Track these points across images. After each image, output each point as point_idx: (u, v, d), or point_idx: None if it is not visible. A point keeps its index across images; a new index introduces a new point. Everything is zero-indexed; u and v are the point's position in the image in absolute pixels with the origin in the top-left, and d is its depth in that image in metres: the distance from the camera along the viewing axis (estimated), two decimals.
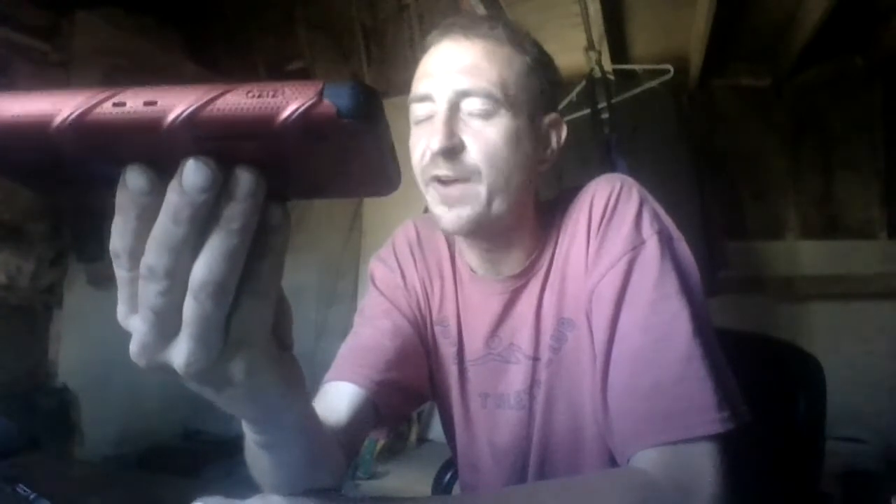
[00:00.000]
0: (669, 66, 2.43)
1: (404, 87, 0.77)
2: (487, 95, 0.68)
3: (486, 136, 0.68)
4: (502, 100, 0.69)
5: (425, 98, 0.70)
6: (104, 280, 2.32)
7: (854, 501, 1.92)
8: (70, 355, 2.29)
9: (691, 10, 2.10)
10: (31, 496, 0.78)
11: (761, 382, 0.74)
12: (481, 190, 0.69)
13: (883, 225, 2.62)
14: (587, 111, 2.42)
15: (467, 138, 0.68)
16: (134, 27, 2.50)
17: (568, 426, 0.75)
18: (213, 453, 2.24)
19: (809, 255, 2.66)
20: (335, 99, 0.24)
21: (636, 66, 2.53)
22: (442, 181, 0.69)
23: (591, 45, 2.29)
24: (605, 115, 2.42)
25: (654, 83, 2.45)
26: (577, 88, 2.41)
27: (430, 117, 0.70)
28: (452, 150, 0.68)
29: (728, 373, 0.64)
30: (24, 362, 2.20)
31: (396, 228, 0.91)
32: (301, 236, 2.60)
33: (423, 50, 0.75)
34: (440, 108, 0.69)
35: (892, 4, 2.21)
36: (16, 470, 0.86)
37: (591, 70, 2.38)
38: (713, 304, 0.69)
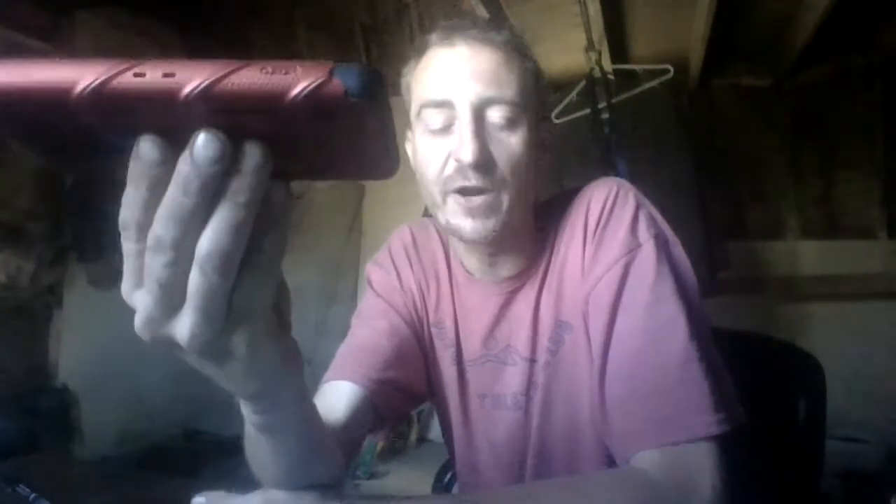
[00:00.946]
0: (669, 66, 2.43)
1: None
2: (511, 103, 0.68)
3: (511, 147, 0.68)
4: (522, 108, 0.68)
5: (443, 104, 0.68)
6: (104, 280, 2.31)
7: (854, 501, 1.92)
8: (70, 355, 2.29)
9: (691, 10, 2.10)
10: (31, 496, 0.78)
11: (761, 382, 0.75)
12: (505, 200, 0.68)
13: (883, 225, 2.62)
14: (587, 111, 2.42)
15: (494, 149, 0.68)
16: (134, 27, 2.50)
17: (565, 428, 0.75)
18: (213, 453, 2.24)
19: (809, 255, 2.67)
20: (344, 78, 0.25)
21: (636, 66, 2.52)
22: (467, 192, 0.68)
23: (591, 45, 2.28)
24: (605, 115, 2.42)
25: (654, 83, 2.45)
26: (577, 88, 2.41)
27: (448, 126, 0.69)
28: (485, 163, 0.67)
29: (724, 375, 0.64)
30: (24, 362, 2.20)
31: (393, 232, 0.91)
32: (301, 236, 2.60)
33: (420, 51, 0.73)
34: (464, 116, 0.67)
35: (893, 4, 2.21)
36: (16, 470, 0.86)
37: (591, 70, 2.38)
38: (713, 304, 0.69)
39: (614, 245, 0.69)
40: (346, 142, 0.27)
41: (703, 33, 2.19)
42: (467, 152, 0.65)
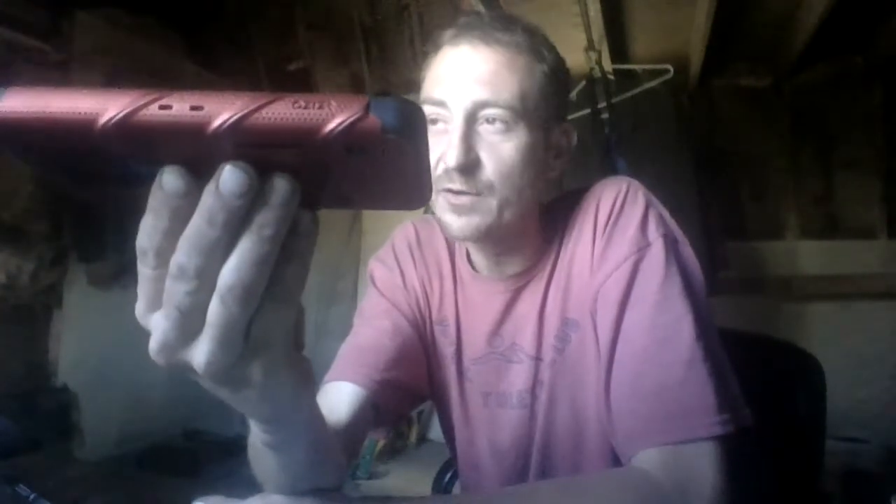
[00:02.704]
0: (669, 66, 2.43)
1: (404, 87, 0.76)
2: (507, 107, 0.67)
3: (502, 153, 0.67)
4: (521, 112, 0.67)
5: (440, 104, 0.69)
6: (104, 280, 2.31)
7: (854, 501, 1.92)
8: (70, 355, 2.29)
9: (691, 10, 2.10)
10: (31, 496, 0.78)
11: (761, 382, 0.75)
12: (493, 203, 0.68)
13: (883, 225, 2.62)
14: (587, 111, 2.42)
15: (483, 153, 0.67)
16: (134, 27, 2.50)
17: (570, 426, 0.75)
18: (213, 453, 2.24)
19: (809, 255, 2.67)
20: (381, 114, 0.24)
21: (636, 66, 2.53)
22: (452, 191, 0.68)
23: (591, 45, 2.29)
24: (605, 115, 2.43)
25: (654, 83, 2.46)
26: (577, 88, 2.42)
27: (444, 125, 0.69)
28: (468, 167, 0.66)
29: (730, 375, 0.64)
30: (24, 362, 2.20)
31: (395, 229, 0.91)
32: None
33: (435, 47, 0.72)
34: (456, 118, 0.67)
35: (893, 4, 2.21)
36: (16, 470, 0.86)
37: (591, 70, 2.38)
38: (713, 304, 0.69)
39: (623, 243, 0.69)
40: (377, 174, 0.27)
41: (703, 33, 2.19)
42: (451, 156, 0.66)
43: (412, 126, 0.24)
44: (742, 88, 2.79)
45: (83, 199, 2.20)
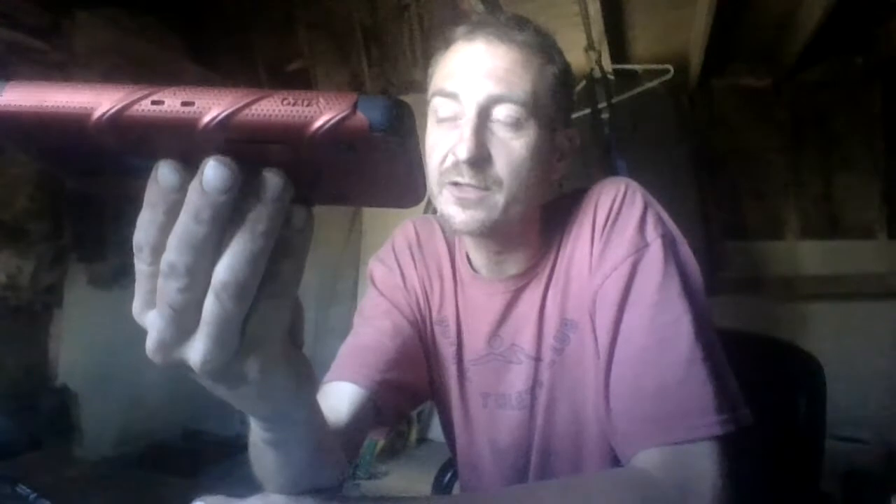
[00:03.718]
0: (669, 66, 2.44)
1: (404, 87, 0.76)
2: (520, 104, 0.67)
3: (512, 149, 0.68)
4: (532, 110, 0.68)
5: (452, 97, 0.69)
6: (104, 280, 2.32)
7: (854, 501, 1.92)
8: (70, 355, 2.29)
9: (691, 10, 2.11)
10: (31, 496, 0.78)
11: (761, 382, 0.74)
12: (499, 199, 0.68)
13: (883, 225, 2.63)
14: (587, 111, 2.43)
15: (494, 149, 0.67)
16: (134, 27, 2.50)
17: (570, 427, 0.75)
18: (213, 453, 2.25)
19: (809, 255, 2.67)
20: (368, 112, 0.24)
21: (636, 66, 2.53)
22: (459, 184, 0.68)
23: (591, 45, 2.29)
24: (605, 115, 2.43)
25: (654, 83, 2.46)
26: (577, 88, 2.42)
27: (454, 118, 0.69)
28: (479, 162, 0.66)
29: (730, 375, 0.64)
30: (24, 362, 2.20)
31: (395, 229, 0.91)
32: None
33: (447, 42, 0.73)
34: (469, 112, 0.67)
35: (893, 4, 2.21)
36: (16, 470, 0.86)
37: (591, 70, 2.38)
38: (713, 304, 0.69)
39: (622, 243, 0.69)
40: (369, 172, 0.27)
41: (703, 33, 2.19)
42: (462, 149, 0.65)
43: (401, 124, 0.24)
44: (742, 88, 2.79)
45: (84, 191, 2.21)
